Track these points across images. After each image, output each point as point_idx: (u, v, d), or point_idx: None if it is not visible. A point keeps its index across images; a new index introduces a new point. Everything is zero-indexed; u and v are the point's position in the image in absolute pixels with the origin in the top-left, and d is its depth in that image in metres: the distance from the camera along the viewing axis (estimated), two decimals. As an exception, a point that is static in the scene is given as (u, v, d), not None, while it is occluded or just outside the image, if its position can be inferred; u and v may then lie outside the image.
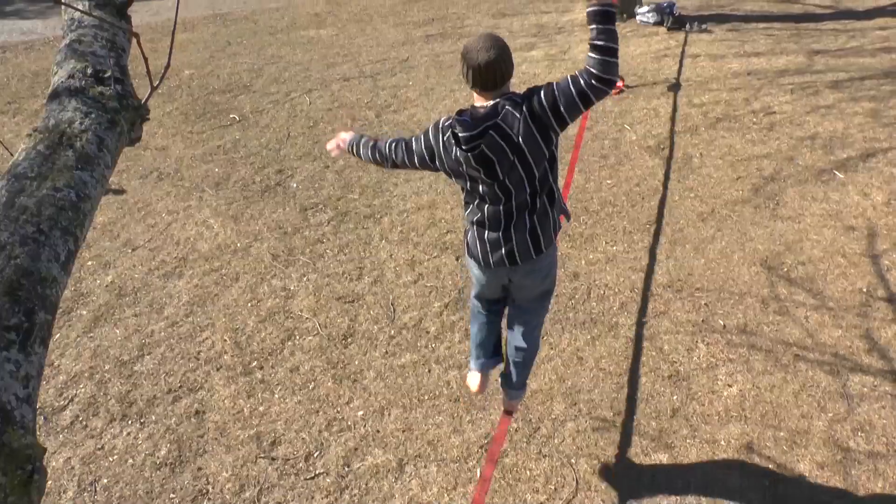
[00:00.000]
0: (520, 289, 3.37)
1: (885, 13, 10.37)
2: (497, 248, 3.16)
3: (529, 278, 3.29)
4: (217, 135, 7.78)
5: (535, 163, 2.94)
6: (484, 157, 2.92)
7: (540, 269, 3.26)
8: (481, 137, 2.88)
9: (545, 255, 3.20)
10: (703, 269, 5.18)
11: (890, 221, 5.55)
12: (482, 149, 2.90)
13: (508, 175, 2.96)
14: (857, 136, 6.76)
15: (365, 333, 4.77)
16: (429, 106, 8.11)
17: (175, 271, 5.51)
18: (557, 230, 3.26)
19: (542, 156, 2.94)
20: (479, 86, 2.90)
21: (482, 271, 3.31)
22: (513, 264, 3.18)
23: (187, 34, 11.74)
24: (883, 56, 8.64)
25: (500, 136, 2.87)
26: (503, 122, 2.87)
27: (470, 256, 3.33)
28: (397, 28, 11.37)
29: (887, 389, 4.12)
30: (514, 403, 3.90)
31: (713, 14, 10.63)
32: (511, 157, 2.91)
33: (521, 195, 3.02)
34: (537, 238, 3.13)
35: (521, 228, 3.10)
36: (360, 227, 5.91)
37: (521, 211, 3.07)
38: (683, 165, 6.48)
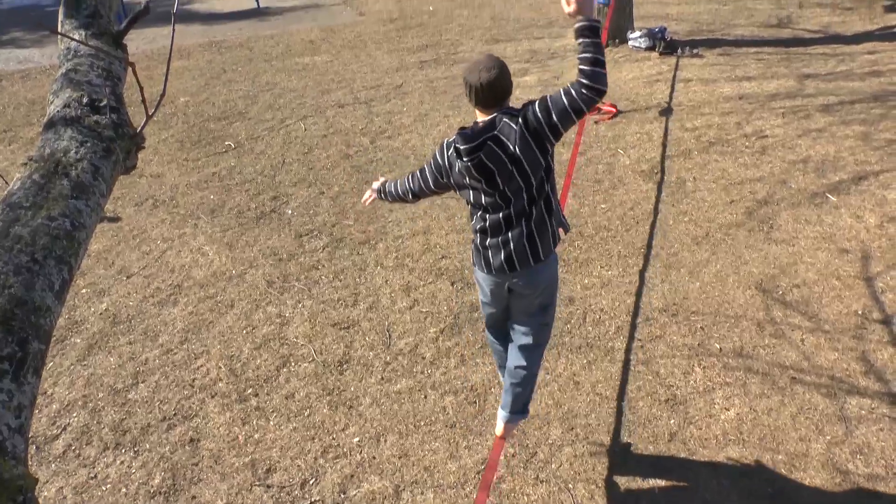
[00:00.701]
0: (519, 298, 3.49)
1: (873, 38, 10.48)
2: (497, 254, 3.33)
3: (529, 287, 3.41)
4: (212, 162, 7.80)
5: (532, 172, 3.13)
6: (483, 166, 3.12)
7: (540, 281, 3.40)
8: (480, 149, 3.09)
9: (544, 264, 3.35)
10: (699, 293, 5.18)
11: (883, 244, 5.57)
12: (481, 159, 3.10)
13: (508, 184, 3.14)
14: (848, 159, 6.80)
15: (360, 360, 4.75)
16: (423, 132, 8.15)
17: (170, 298, 5.50)
18: (556, 241, 3.39)
19: (539, 165, 3.13)
20: (481, 103, 3.11)
21: (486, 277, 3.47)
22: (512, 270, 3.34)
23: (183, 62, 11.81)
24: (872, 80, 8.72)
25: (498, 146, 3.08)
26: (501, 133, 3.09)
27: (475, 265, 3.52)
28: (391, 54, 11.45)
29: (885, 412, 4.11)
30: (510, 427, 3.85)
31: (704, 39, 10.73)
32: (509, 167, 3.11)
33: (520, 203, 3.20)
34: (535, 245, 3.28)
35: (520, 235, 3.26)
36: (355, 253, 5.91)
37: (520, 218, 3.24)
38: (677, 189, 6.51)
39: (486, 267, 3.41)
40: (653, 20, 11.63)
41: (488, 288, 3.53)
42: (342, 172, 7.32)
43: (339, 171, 7.35)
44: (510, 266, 3.33)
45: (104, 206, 1.81)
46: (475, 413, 4.28)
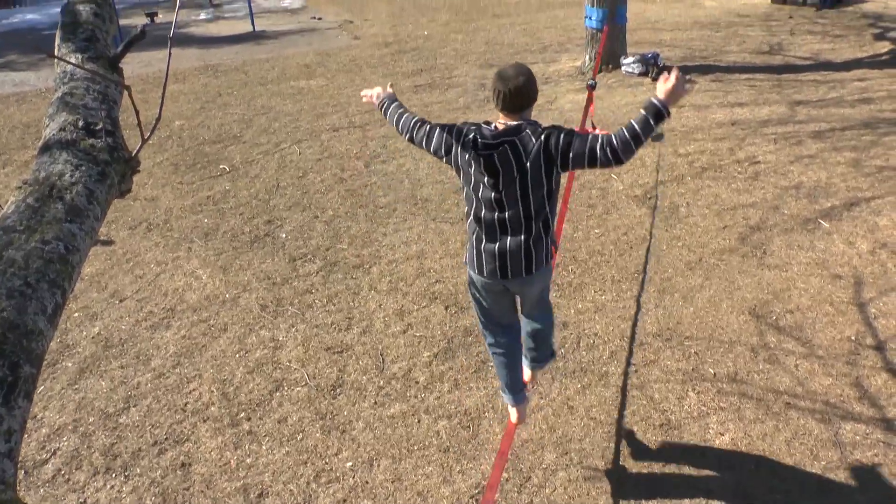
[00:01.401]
0: (521, 293, 3.72)
1: (863, 65, 10.59)
2: (492, 260, 3.47)
3: (524, 288, 3.63)
4: (207, 185, 7.81)
5: (534, 188, 3.29)
6: (492, 165, 3.28)
7: (534, 286, 3.61)
8: (496, 148, 3.26)
9: (537, 274, 3.51)
10: (692, 318, 5.18)
11: (875, 270, 5.59)
12: (493, 157, 3.27)
13: (507, 188, 3.30)
14: (840, 185, 6.84)
15: (354, 384, 4.73)
16: (417, 156, 8.17)
17: (163, 322, 5.48)
18: (549, 258, 3.55)
19: (541, 184, 3.29)
20: (508, 108, 3.28)
21: (479, 278, 3.61)
22: (504, 277, 3.50)
23: (178, 85, 11.86)
24: (862, 107, 8.79)
25: (512, 152, 3.25)
26: (520, 142, 3.25)
27: (467, 263, 3.66)
28: (386, 78, 11.51)
29: (879, 437, 4.10)
30: (535, 374, 4.23)
31: (697, 65, 10.82)
32: (515, 174, 3.27)
33: (515, 212, 3.34)
34: (530, 258, 3.43)
35: (517, 247, 3.41)
36: (348, 277, 5.91)
37: (516, 229, 3.39)
38: (670, 214, 6.53)
39: (479, 270, 3.55)
40: (646, 46, 11.73)
41: (481, 287, 3.67)
42: (336, 196, 7.33)
43: (333, 195, 7.36)
44: (503, 274, 3.48)
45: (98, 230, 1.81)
46: (469, 437, 4.25)
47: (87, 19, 2.55)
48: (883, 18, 13.33)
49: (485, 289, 3.66)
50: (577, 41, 12.42)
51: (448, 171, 7.67)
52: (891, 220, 6.19)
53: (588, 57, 10.80)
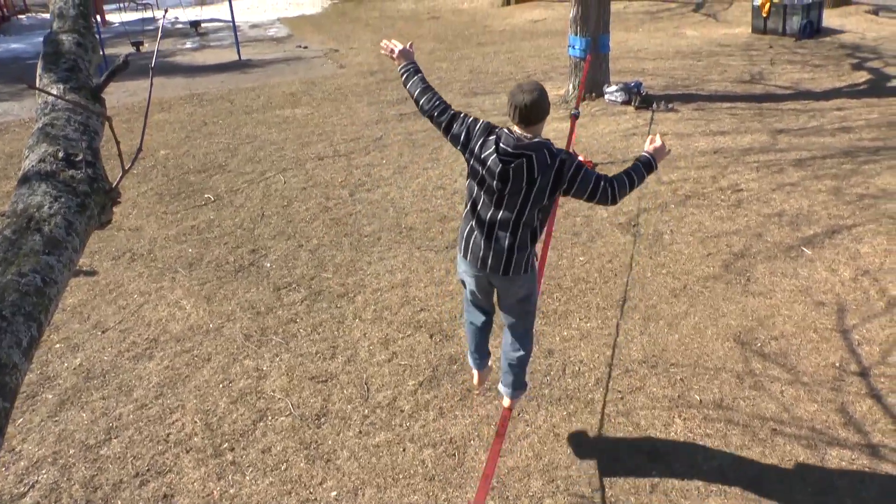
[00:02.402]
0: (499, 289, 3.97)
1: (842, 94, 10.73)
2: (477, 251, 3.80)
3: (504, 286, 3.90)
4: (191, 215, 7.79)
5: (534, 201, 3.63)
6: (506, 171, 3.59)
7: (515, 288, 3.89)
8: (516, 158, 3.57)
9: (517, 278, 3.80)
10: (678, 345, 5.19)
11: (858, 296, 5.63)
12: (510, 166, 3.58)
13: (511, 195, 3.63)
14: (821, 213, 6.90)
15: (338, 413, 4.70)
16: (402, 184, 8.20)
17: (145, 353, 5.43)
18: (530, 264, 3.83)
19: (541, 200, 3.64)
20: (523, 121, 3.58)
21: (466, 266, 3.92)
22: (483, 270, 3.81)
23: (164, 114, 11.86)
24: (842, 136, 8.90)
25: (527, 166, 3.56)
26: (537, 158, 3.56)
27: (458, 251, 3.96)
28: (371, 107, 11.56)
29: (865, 462, 4.11)
30: (514, 401, 4.36)
31: (679, 94, 10.93)
32: (523, 185, 3.59)
33: (509, 215, 3.67)
34: (510, 260, 3.74)
35: (500, 246, 3.72)
36: (333, 306, 5.89)
37: (505, 230, 3.70)
38: (655, 242, 6.56)
39: (465, 255, 3.88)
40: (629, 75, 11.85)
41: (469, 275, 3.96)
42: (321, 225, 7.33)
43: (318, 224, 7.36)
44: (483, 267, 3.80)
45: (77, 262, 1.80)
46: (454, 466, 4.23)
47: (69, 49, 2.55)
48: (860, 49, 13.54)
49: (471, 277, 3.96)
50: (560, 70, 12.53)
51: (433, 199, 7.70)
52: (872, 248, 6.24)
53: (571, 85, 10.89)
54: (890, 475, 4.02)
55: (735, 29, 16.17)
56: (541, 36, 17.17)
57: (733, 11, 18.11)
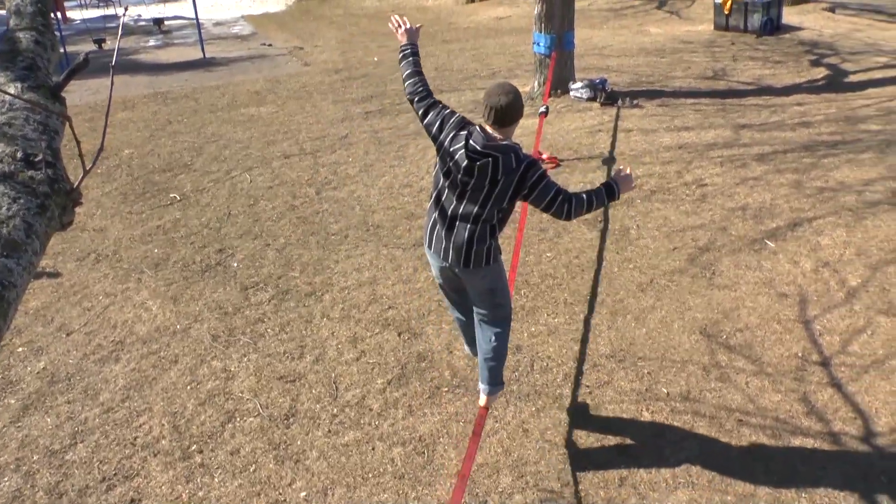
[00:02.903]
0: (466, 282, 4.03)
1: (801, 90, 10.90)
2: (440, 243, 3.90)
3: (467, 277, 3.97)
4: (157, 215, 7.70)
5: (495, 200, 3.72)
6: (471, 168, 3.68)
7: (478, 280, 3.96)
8: (483, 157, 3.65)
9: (478, 270, 3.88)
10: (645, 339, 5.24)
11: (819, 288, 5.72)
12: (476, 164, 3.66)
13: (473, 190, 3.73)
14: (783, 206, 7.01)
15: (307, 413, 4.68)
16: (368, 182, 8.18)
17: (111, 355, 5.36)
18: (493, 258, 3.91)
19: (502, 200, 3.73)
20: (496, 122, 3.69)
21: (432, 256, 4.03)
22: (446, 261, 3.91)
23: (127, 113, 11.72)
24: (802, 130, 9.04)
25: (493, 166, 3.65)
26: (503, 161, 3.65)
27: (424, 240, 4.06)
28: (336, 105, 11.52)
29: (826, 451, 4.18)
30: (491, 399, 4.34)
31: (644, 90, 11.03)
32: (486, 184, 3.69)
33: (469, 209, 3.76)
34: (469, 252, 3.82)
35: (459, 238, 3.81)
36: (301, 305, 5.86)
37: (465, 222, 3.78)
38: (621, 237, 6.62)
39: (429, 246, 3.99)
40: (594, 72, 11.92)
41: (436, 267, 4.10)
42: (288, 224, 7.29)
43: (284, 223, 7.32)
44: (445, 257, 3.90)
45: (38, 264, 1.77)
46: (424, 464, 4.23)
47: (27, 47, 2.52)
48: (818, 45, 13.76)
49: (435, 267, 4.10)
50: (525, 67, 12.58)
51: (400, 197, 7.70)
52: (832, 240, 6.35)
53: (537, 82, 10.94)
54: (851, 462, 4.10)
55: (698, 26, 16.34)
56: (505, 33, 17.22)
57: (696, 9, 18.30)
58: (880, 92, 10.59)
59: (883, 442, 4.23)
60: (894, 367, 4.83)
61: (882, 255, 6.08)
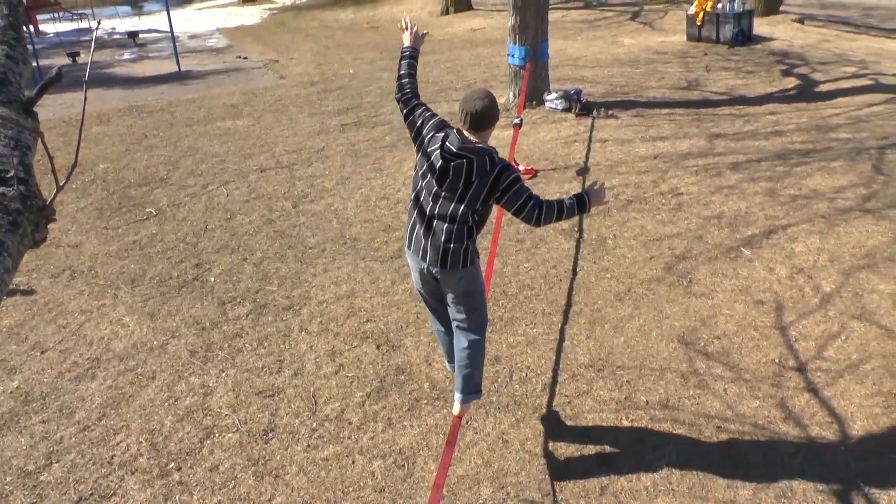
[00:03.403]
0: (444, 283, 4.07)
1: (774, 99, 11.04)
2: (419, 243, 3.99)
3: (444, 279, 4.02)
4: (133, 230, 7.64)
5: (469, 201, 3.83)
6: (446, 169, 3.82)
7: (454, 282, 4.01)
8: (458, 158, 3.78)
9: (455, 272, 3.95)
10: (623, 348, 5.26)
11: (794, 294, 5.78)
12: (451, 165, 3.79)
13: (447, 191, 3.85)
14: (758, 214, 7.08)
15: (286, 427, 4.65)
16: (345, 195, 8.17)
17: (87, 373, 5.30)
18: (471, 260, 3.99)
19: (476, 202, 3.84)
20: (473, 126, 3.83)
21: (412, 258, 4.10)
22: (424, 262, 3.99)
23: (102, 127, 11.64)
24: (775, 139, 9.15)
25: (467, 168, 3.78)
26: (477, 163, 3.78)
27: (404, 241, 4.16)
28: (313, 118, 11.51)
29: (804, 456, 4.21)
30: (465, 407, 4.35)
31: (618, 100, 11.11)
32: (460, 185, 3.81)
33: (445, 210, 3.86)
34: (447, 252, 3.90)
35: (437, 238, 3.90)
36: (279, 319, 5.83)
37: (443, 223, 3.88)
38: (598, 247, 6.66)
39: (409, 246, 4.08)
40: (569, 82, 12.00)
41: (415, 270, 4.15)
42: (265, 238, 7.26)
43: (261, 237, 7.29)
44: (423, 258, 3.98)
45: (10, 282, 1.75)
46: (404, 476, 4.22)
47: (-1, 64, 2.49)
48: (789, 55, 13.94)
49: (415, 269, 4.15)
50: (500, 78, 12.63)
51: (377, 209, 7.70)
52: (806, 246, 6.43)
53: (512, 94, 10.99)
54: (828, 466, 4.13)
55: (671, 37, 16.51)
56: (480, 45, 17.30)
57: (669, 20, 18.50)
58: (849, 101, 10.75)
59: (858, 446, 4.28)
60: (868, 371, 4.89)
61: (854, 261, 6.16)
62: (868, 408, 4.57)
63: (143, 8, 30.61)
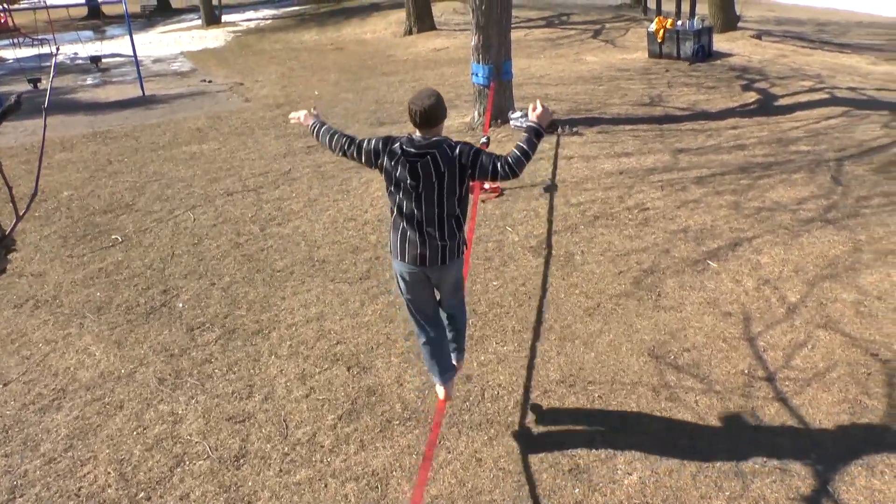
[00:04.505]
0: (437, 279, 4.31)
1: (735, 114, 11.22)
2: (413, 250, 4.13)
3: (440, 274, 4.24)
4: (98, 257, 7.55)
5: (448, 191, 4.03)
6: (415, 170, 4.00)
7: (449, 274, 4.28)
8: (421, 157, 3.99)
9: (451, 264, 4.20)
10: (594, 363, 5.29)
11: (761, 305, 5.85)
12: (417, 165, 3.99)
13: (426, 190, 4.02)
14: (723, 227, 7.17)
15: (257, 453, 4.60)
16: (313, 217, 8.14)
17: (53, 404, 5.21)
18: (463, 251, 4.25)
19: (455, 189, 4.05)
20: (424, 124, 4.03)
21: (402, 265, 4.22)
22: (422, 265, 4.14)
23: (66, 153, 11.50)
24: (737, 153, 9.29)
25: (433, 161, 3.98)
26: (439, 153, 3.99)
27: (392, 255, 4.29)
28: (279, 140, 11.48)
29: (776, 465, 4.25)
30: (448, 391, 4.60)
31: (583, 117, 11.22)
32: (433, 180, 4.00)
33: (431, 210, 4.05)
34: (444, 250, 4.12)
35: (434, 240, 4.09)
36: (248, 343, 5.78)
37: (431, 224, 4.07)
38: (566, 263, 6.69)
39: (402, 257, 4.19)
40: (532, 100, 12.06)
41: (406, 275, 4.26)
42: (233, 262, 7.21)
43: (229, 261, 7.23)
44: (422, 262, 4.13)
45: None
46: (377, 498, 4.18)
47: (-43, 93, 2.46)
48: (748, 71, 14.20)
49: (407, 275, 4.25)
50: (465, 97, 12.70)
51: (344, 231, 7.69)
52: (770, 258, 6.52)
53: (477, 112, 11.05)
54: (798, 475, 4.17)
55: (633, 54, 16.73)
56: (444, 64, 17.40)
57: (630, 37, 18.76)
58: (808, 114, 10.96)
59: (827, 453, 4.33)
60: (834, 378, 4.96)
61: (818, 271, 6.26)
62: (836, 415, 4.63)
63: (105, 32, 30.42)
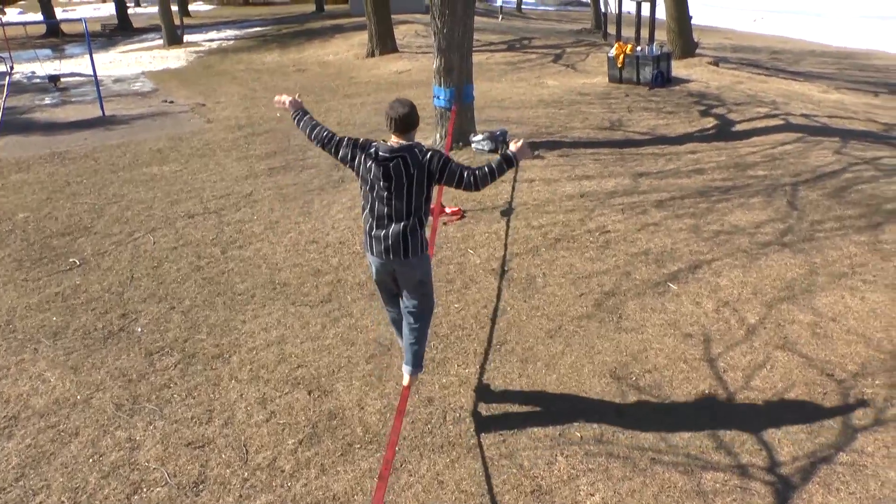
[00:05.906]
0: (401, 276, 4.72)
1: (694, 138, 11.43)
2: (380, 244, 4.60)
3: (405, 269, 4.66)
4: (55, 281, 7.41)
5: (416, 191, 4.49)
6: (387, 171, 4.45)
7: (413, 270, 4.67)
8: (393, 160, 4.44)
9: (413, 260, 4.60)
10: (556, 384, 5.30)
11: (721, 327, 5.93)
12: (390, 167, 4.43)
13: (396, 190, 4.47)
14: (683, 249, 7.27)
15: (217, 478, 4.53)
16: (274, 239, 8.09)
17: (3, 432, 5.07)
18: (424, 248, 4.65)
19: (422, 190, 4.51)
20: (399, 129, 4.49)
21: (373, 259, 4.69)
22: (387, 257, 4.59)
23: (21, 174, 11.31)
24: (696, 177, 9.45)
25: (403, 164, 4.43)
26: (410, 157, 4.44)
27: (365, 249, 4.75)
28: (240, 162, 11.41)
29: (736, 483, 4.29)
30: (413, 379, 4.97)
31: (544, 141, 11.33)
32: (404, 181, 4.45)
33: (399, 207, 4.49)
34: (407, 244, 4.55)
35: (397, 234, 4.53)
36: (208, 368, 5.71)
37: (398, 221, 4.51)
38: (528, 285, 6.72)
39: (372, 251, 4.66)
40: (494, 124, 12.19)
41: (376, 267, 4.75)
42: (194, 285, 7.12)
43: (190, 284, 7.15)
44: (387, 255, 4.58)
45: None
46: (341, 525, 4.14)
47: None
48: (706, 97, 14.48)
49: (377, 267, 4.73)
50: (427, 120, 12.67)
51: (306, 254, 7.65)
52: (730, 280, 6.62)
53: (438, 135, 11.09)
54: (758, 493, 4.22)
55: (593, 78, 16.97)
56: (406, 86, 17.49)
57: (590, 62, 19.04)
58: (764, 140, 11.20)
59: (787, 471, 4.38)
60: (792, 398, 5.03)
61: (775, 293, 6.37)
62: (793, 433, 4.69)
63: (64, 51, 30.08)
